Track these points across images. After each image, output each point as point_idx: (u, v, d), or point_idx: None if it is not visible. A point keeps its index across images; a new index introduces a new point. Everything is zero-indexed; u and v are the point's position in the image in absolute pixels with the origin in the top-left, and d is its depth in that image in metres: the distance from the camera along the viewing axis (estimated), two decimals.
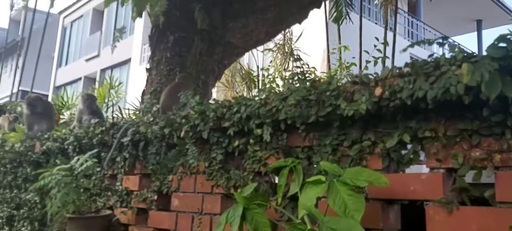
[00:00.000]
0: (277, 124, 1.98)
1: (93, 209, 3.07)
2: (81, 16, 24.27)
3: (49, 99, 24.85)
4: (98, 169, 2.97)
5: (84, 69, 22.74)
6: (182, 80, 3.17)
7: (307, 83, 1.98)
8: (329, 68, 10.01)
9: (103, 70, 21.98)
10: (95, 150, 2.93)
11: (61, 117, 7.33)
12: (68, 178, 2.79)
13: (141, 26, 19.46)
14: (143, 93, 3.61)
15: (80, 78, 23.02)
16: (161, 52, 3.44)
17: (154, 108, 3.57)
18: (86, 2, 23.77)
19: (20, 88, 16.36)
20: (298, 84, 2.05)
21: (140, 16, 3.32)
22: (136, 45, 19.57)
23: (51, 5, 7.54)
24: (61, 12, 25.87)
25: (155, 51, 3.47)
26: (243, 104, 2.07)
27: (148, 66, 3.55)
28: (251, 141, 2.14)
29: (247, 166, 2.17)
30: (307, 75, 2.20)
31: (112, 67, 21.54)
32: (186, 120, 2.42)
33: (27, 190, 4.26)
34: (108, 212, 3.02)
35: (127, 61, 20.31)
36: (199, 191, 2.44)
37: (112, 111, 7.00)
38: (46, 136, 3.87)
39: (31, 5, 15.67)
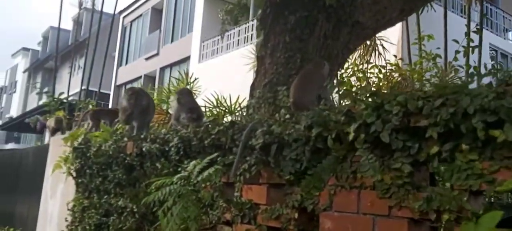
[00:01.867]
0: None
1: (207, 223, 2.59)
2: (140, 15, 24.63)
3: (111, 98, 25.41)
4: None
5: (144, 68, 23.03)
6: (315, 68, 2.60)
7: None
8: (410, 59, 9.12)
9: (162, 69, 22.15)
10: (215, 154, 2.42)
11: None
12: (184, 188, 2.31)
13: (199, 24, 19.34)
14: (253, 86, 3.08)
15: (140, 77, 23.36)
16: (278, 36, 2.89)
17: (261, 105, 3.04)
18: (145, 1, 24.06)
19: (84, 87, 16.72)
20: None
21: None
22: (195, 43, 19.45)
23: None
24: (120, 12, 26.39)
25: (269, 35, 2.93)
26: (462, 92, 1.45)
27: (260, 54, 3.01)
28: (464, 146, 1.51)
29: (455, 182, 1.54)
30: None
31: (171, 66, 21.64)
32: (349, 117, 1.84)
33: (118, 195, 3.89)
34: (227, 228, 2.52)
35: (186, 59, 20.27)
36: (366, 212, 1.86)
37: None
38: (142, 136, 3.45)
39: (95, 6, 15.98)
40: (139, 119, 3.61)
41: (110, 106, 22.42)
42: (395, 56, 7.72)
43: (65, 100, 10.67)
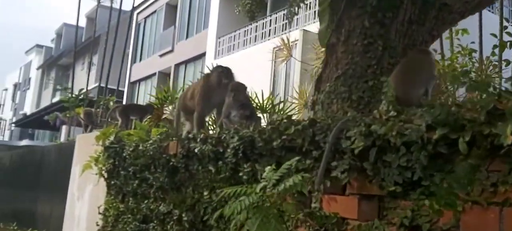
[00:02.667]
0: None
1: None
2: (155, 11, 24.36)
3: (125, 95, 25.22)
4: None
5: (158, 65, 22.77)
6: (421, 56, 2.21)
7: None
8: (443, 54, 8.67)
9: (177, 65, 21.86)
10: (295, 158, 2.04)
11: (164, 111, 6.71)
12: (262, 199, 1.93)
13: (215, 20, 18.99)
14: (320, 79, 2.70)
15: (154, 74, 23.12)
16: (354, 21, 2.50)
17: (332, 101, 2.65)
18: None
19: (98, 84, 16.45)
20: None
21: None
22: (210, 39, 19.12)
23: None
24: (134, 8, 26.12)
25: (343, 20, 2.54)
26: None
27: (329, 42, 2.61)
28: None
29: None
30: None
31: (186, 62, 21.36)
32: (494, 116, 1.45)
33: (158, 199, 3.54)
34: None
35: (201, 56, 19.96)
36: None
37: None
38: (191, 136, 3.09)
39: (107, 3, 15.68)
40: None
41: (124, 103, 22.18)
42: (435, 50, 7.28)
43: (84, 97, 10.39)
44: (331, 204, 2.13)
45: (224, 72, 3.38)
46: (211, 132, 3.10)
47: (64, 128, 17.10)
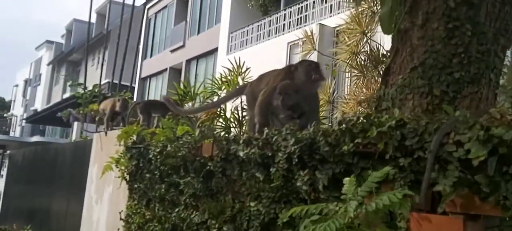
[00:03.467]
0: None
1: None
2: (165, 6, 24.05)
3: (136, 91, 24.99)
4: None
5: (169, 60, 22.47)
6: None
7: None
8: None
9: (188, 61, 21.55)
10: (387, 168, 1.63)
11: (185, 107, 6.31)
12: (349, 222, 1.53)
13: (227, 14, 18.61)
14: (387, 72, 2.28)
15: (165, 70, 22.84)
16: (434, 1, 2.08)
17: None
18: None
19: (108, 80, 16.14)
20: None
21: None
22: (223, 34, 18.77)
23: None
24: (145, 4, 25.83)
25: (419, 1, 2.12)
26: None
27: (402, 27, 2.19)
28: None
29: None
30: None
31: (197, 58, 21.05)
32: None
33: (190, 207, 3.15)
34: None
35: (213, 51, 19.63)
36: None
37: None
38: (232, 137, 2.69)
39: None
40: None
41: (134, 99, 21.91)
42: None
43: (98, 93, 10.04)
44: (423, 225, 1.72)
45: (313, 67, 2.93)
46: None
47: (75, 124, 16.83)
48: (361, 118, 1.81)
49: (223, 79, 6.22)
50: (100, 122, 5.96)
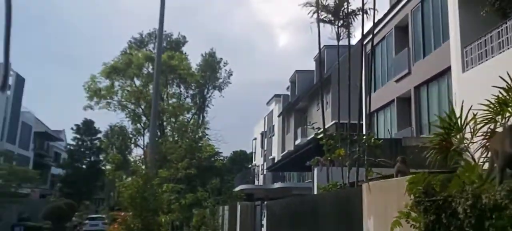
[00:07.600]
0: None
1: None
2: (384, 37, 23.37)
3: (364, 127, 24.80)
4: None
5: (395, 91, 21.41)
6: None
7: None
8: None
9: (416, 88, 20.04)
10: None
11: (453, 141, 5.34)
12: None
13: (457, 28, 16.52)
14: None
15: (392, 101, 21.85)
16: None
17: None
18: (387, 23, 22.67)
19: (334, 121, 16.20)
20: None
21: None
22: (454, 51, 16.70)
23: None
24: (361, 40, 25.80)
25: None
26: None
27: None
28: None
29: None
30: None
31: (427, 82, 19.33)
32: None
33: None
34: None
35: (445, 72, 17.68)
36: None
37: None
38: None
39: (333, 41, 15.49)
40: None
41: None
42: None
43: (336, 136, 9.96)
44: None
45: None
46: None
47: (315, 169, 17.40)
48: None
49: (501, 101, 5.04)
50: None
